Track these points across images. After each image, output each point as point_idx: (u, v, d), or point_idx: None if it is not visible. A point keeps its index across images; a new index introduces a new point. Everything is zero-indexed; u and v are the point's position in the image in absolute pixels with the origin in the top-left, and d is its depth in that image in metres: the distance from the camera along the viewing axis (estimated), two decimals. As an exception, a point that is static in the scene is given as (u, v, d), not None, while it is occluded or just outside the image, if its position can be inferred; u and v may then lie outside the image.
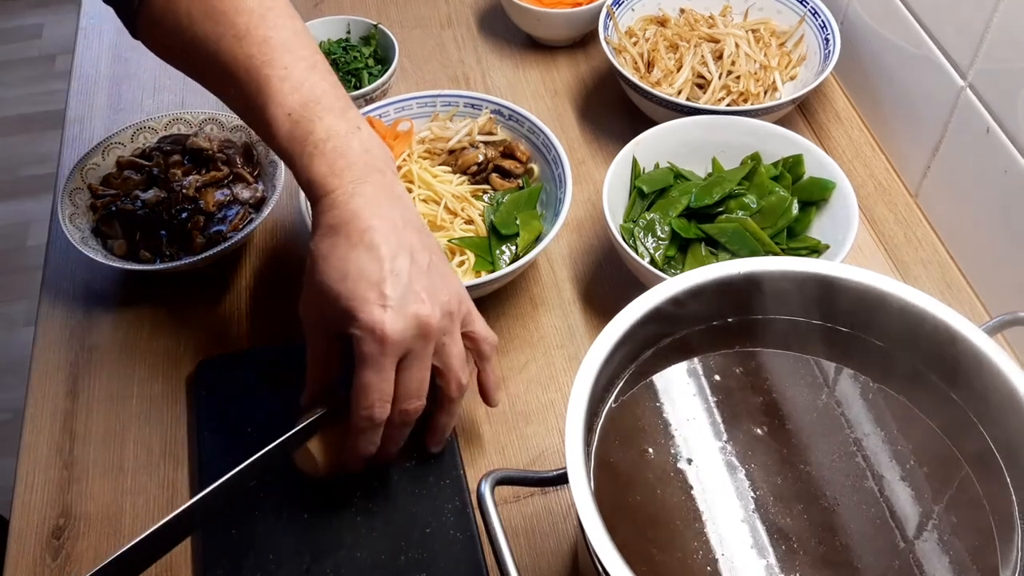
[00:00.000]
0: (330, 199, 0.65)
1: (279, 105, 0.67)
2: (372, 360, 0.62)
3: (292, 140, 0.66)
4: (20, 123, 2.48)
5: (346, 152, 0.66)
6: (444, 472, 0.75)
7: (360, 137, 0.67)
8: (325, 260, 0.64)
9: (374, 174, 0.66)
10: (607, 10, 1.05)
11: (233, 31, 0.68)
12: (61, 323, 0.88)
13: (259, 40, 0.68)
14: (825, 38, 1.01)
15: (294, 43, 0.69)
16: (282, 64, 0.68)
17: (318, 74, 0.69)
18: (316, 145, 0.66)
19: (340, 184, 0.65)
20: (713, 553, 0.54)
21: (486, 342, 0.70)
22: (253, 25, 0.68)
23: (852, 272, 0.61)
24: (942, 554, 0.54)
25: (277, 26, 0.69)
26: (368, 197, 0.65)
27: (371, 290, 0.62)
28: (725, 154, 0.93)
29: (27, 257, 2.19)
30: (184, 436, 0.80)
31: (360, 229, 0.63)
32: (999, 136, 0.80)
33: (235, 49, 0.68)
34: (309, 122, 0.66)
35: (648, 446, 0.59)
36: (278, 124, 0.67)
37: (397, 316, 0.62)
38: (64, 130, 1.05)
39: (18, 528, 0.75)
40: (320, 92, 0.68)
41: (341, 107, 0.68)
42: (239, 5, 0.69)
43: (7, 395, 1.89)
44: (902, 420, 0.60)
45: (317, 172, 0.65)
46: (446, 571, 0.69)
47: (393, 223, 0.65)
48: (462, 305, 0.68)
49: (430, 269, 0.65)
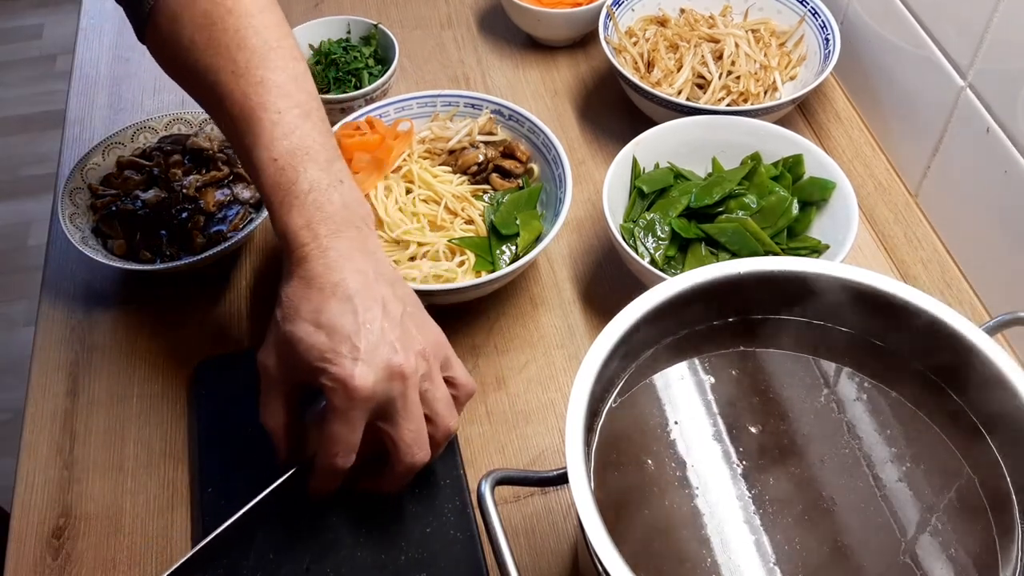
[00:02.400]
0: (304, 251, 0.65)
1: (266, 149, 0.66)
2: (341, 413, 0.62)
3: (276, 187, 0.66)
4: (20, 123, 2.48)
5: (325, 205, 0.66)
6: (444, 472, 0.75)
7: (341, 191, 0.67)
8: (297, 311, 0.63)
9: (350, 229, 0.66)
10: (607, 10, 1.05)
11: (232, 67, 0.68)
12: (61, 323, 0.88)
13: (256, 80, 0.68)
14: (825, 38, 1.01)
15: (291, 87, 0.69)
16: (276, 108, 0.67)
17: (310, 122, 0.68)
18: (297, 196, 0.66)
19: (315, 237, 0.65)
20: (713, 552, 0.54)
21: (463, 389, 0.69)
22: (253, 64, 0.68)
23: (852, 272, 0.61)
24: (942, 554, 0.54)
25: (277, 68, 0.69)
26: (342, 251, 0.65)
27: (343, 343, 0.62)
28: (725, 154, 0.93)
29: (27, 257, 2.19)
30: (184, 436, 0.80)
31: (333, 282, 0.63)
32: (999, 136, 0.80)
33: (232, 85, 0.68)
34: (294, 171, 0.66)
35: (648, 446, 0.59)
36: (263, 167, 0.66)
37: (368, 368, 0.62)
38: (64, 130, 1.05)
39: (18, 528, 0.75)
40: (310, 142, 0.68)
41: (327, 158, 0.68)
42: (242, 41, 0.69)
43: (7, 395, 1.89)
44: (902, 420, 0.60)
45: (294, 224, 0.65)
46: (446, 571, 0.69)
47: (365, 276, 0.65)
48: (439, 350, 0.67)
49: (404, 319, 0.65)
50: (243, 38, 0.69)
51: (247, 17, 0.70)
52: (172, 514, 0.75)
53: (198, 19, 0.69)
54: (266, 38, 0.70)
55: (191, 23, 0.69)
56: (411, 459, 0.65)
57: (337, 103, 1.00)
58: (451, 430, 0.68)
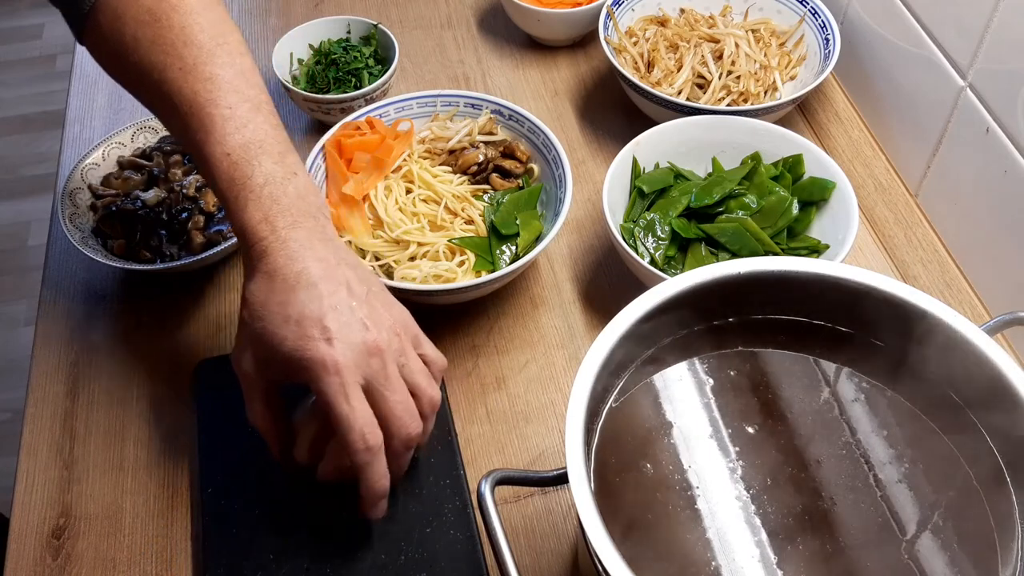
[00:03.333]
0: (263, 245, 0.65)
1: (219, 144, 0.66)
2: (335, 393, 0.62)
3: (231, 182, 0.66)
4: (20, 123, 2.48)
5: (280, 198, 0.66)
6: (444, 472, 0.75)
7: (296, 183, 0.67)
8: (263, 306, 0.63)
9: (307, 219, 0.66)
10: (607, 10, 1.05)
11: (180, 63, 0.68)
12: (61, 323, 0.88)
13: (205, 76, 0.68)
14: (825, 38, 1.01)
15: (240, 82, 0.69)
16: (226, 103, 0.67)
17: (261, 115, 0.69)
18: (252, 190, 0.66)
19: (273, 230, 0.65)
20: (714, 552, 0.54)
21: (435, 364, 0.69)
22: (201, 60, 0.68)
23: (852, 272, 0.61)
24: (942, 554, 0.54)
25: (225, 64, 0.69)
26: (301, 241, 0.65)
27: (314, 327, 0.62)
28: (725, 154, 0.93)
29: (27, 257, 2.19)
30: (184, 436, 0.80)
31: (296, 272, 0.63)
32: (999, 136, 0.80)
33: (180, 82, 0.68)
34: (248, 165, 0.66)
35: (648, 446, 0.59)
36: (217, 162, 0.66)
37: (344, 346, 0.62)
38: (64, 130, 1.05)
39: (18, 528, 0.75)
40: (262, 135, 0.68)
41: (281, 151, 0.68)
42: (188, 37, 0.68)
43: (7, 395, 1.89)
44: (902, 420, 0.60)
45: (251, 219, 0.65)
46: (446, 571, 0.69)
47: (327, 262, 0.65)
48: (408, 328, 0.68)
49: (369, 298, 0.65)
50: (189, 35, 0.69)
51: (192, 14, 0.69)
52: (172, 514, 0.75)
53: (142, 16, 0.69)
54: (212, 34, 0.69)
55: (135, 20, 0.69)
56: (406, 431, 0.65)
57: (337, 103, 1.00)
58: (435, 401, 0.68)
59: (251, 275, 0.65)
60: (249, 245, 0.65)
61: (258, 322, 0.63)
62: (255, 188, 0.66)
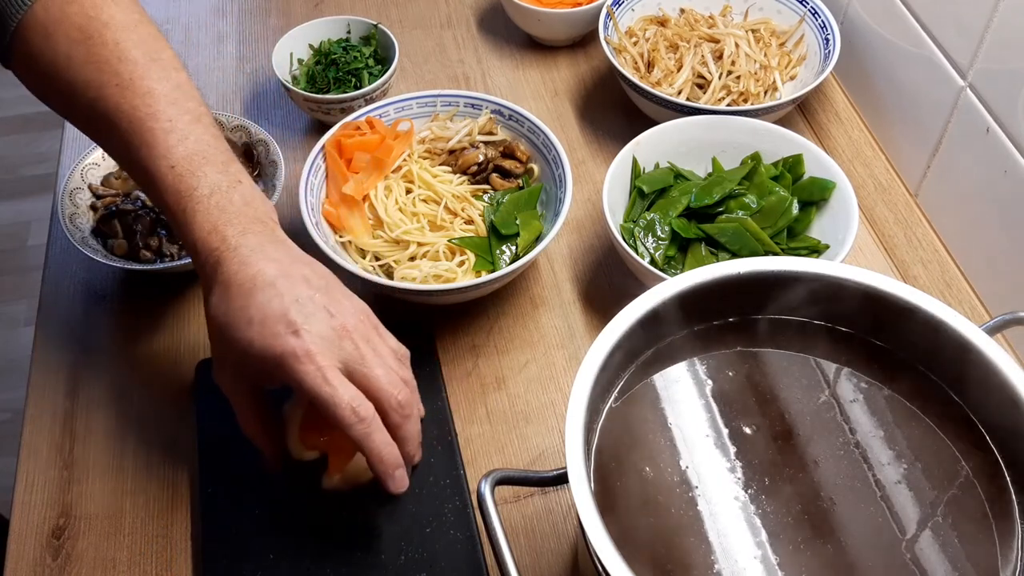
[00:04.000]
0: (215, 256, 0.65)
1: (163, 157, 0.66)
2: (313, 379, 0.61)
3: (177, 195, 0.66)
4: (20, 123, 2.48)
5: (227, 207, 0.66)
6: (444, 472, 0.75)
7: (241, 191, 0.68)
8: (226, 315, 0.63)
9: (255, 224, 0.67)
10: (607, 10, 1.05)
11: (116, 80, 0.68)
12: (61, 323, 0.88)
13: (143, 91, 0.68)
14: (825, 38, 1.01)
15: (177, 95, 0.69)
16: (166, 117, 0.67)
17: (202, 126, 0.69)
18: (200, 201, 0.66)
19: (223, 240, 0.65)
20: (714, 553, 0.54)
21: (399, 353, 0.69)
22: (137, 76, 0.68)
23: (852, 272, 0.61)
24: (942, 554, 0.54)
25: (161, 78, 0.69)
26: (252, 246, 0.65)
27: (279, 324, 0.62)
28: (725, 154, 0.93)
29: (27, 257, 2.19)
30: (184, 436, 0.80)
31: (251, 275, 0.64)
32: (999, 136, 0.80)
33: (117, 98, 0.67)
34: (193, 176, 0.66)
35: (648, 446, 0.59)
36: (161, 176, 0.66)
37: (312, 335, 0.62)
38: (64, 130, 1.05)
39: (18, 528, 0.75)
40: (204, 146, 0.68)
41: (224, 160, 0.68)
42: (123, 54, 0.68)
43: (7, 395, 1.89)
44: (902, 420, 0.60)
45: (200, 230, 0.65)
46: (446, 571, 0.69)
47: (280, 262, 0.65)
48: (370, 317, 0.68)
49: (328, 290, 0.66)
50: (124, 51, 0.68)
51: (124, 31, 0.69)
52: (172, 514, 0.75)
53: (73, 34, 0.68)
54: (145, 50, 0.69)
55: (66, 39, 0.68)
56: (395, 398, 0.64)
57: (337, 103, 1.00)
58: (410, 382, 0.68)
59: (209, 289, 0.65)
60: (202, 260, 0.66)
61: (224, 332, 0.64)
62: (201, 199, 0.66)
